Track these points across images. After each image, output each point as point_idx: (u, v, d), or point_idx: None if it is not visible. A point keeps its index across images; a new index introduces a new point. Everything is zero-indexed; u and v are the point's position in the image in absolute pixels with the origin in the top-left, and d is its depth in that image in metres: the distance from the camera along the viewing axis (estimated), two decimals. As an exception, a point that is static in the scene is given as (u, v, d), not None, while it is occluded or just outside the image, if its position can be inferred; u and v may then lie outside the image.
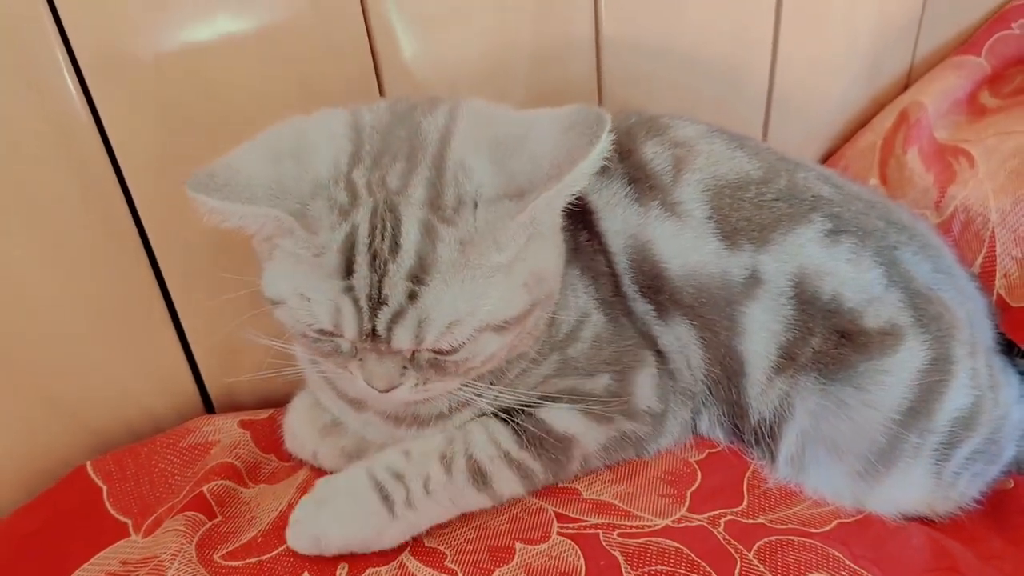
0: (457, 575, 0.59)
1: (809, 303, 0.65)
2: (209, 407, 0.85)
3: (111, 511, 0.69)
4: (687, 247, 0.66)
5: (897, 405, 0.65)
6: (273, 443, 0.76)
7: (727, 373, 0.68)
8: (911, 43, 1.04)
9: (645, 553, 0.60)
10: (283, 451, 0.75)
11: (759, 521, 0.64)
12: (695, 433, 0.72)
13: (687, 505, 0.65)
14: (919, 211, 0.85)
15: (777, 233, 0.66)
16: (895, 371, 0.65)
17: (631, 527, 0.63)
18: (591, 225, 0.67)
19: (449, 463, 0.62)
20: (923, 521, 0.69)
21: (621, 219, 0.67)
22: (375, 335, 0.52)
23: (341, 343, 0.55)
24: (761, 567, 0.59)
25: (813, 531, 0.63)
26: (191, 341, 0.81)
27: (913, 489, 0.68)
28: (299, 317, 0.53)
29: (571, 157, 0.50)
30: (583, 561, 0.60)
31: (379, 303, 0.51)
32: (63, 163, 0.70)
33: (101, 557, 0.64)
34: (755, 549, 0.61)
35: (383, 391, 0.55)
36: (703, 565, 0.59)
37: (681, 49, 0.90)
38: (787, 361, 0.66)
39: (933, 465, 0.67)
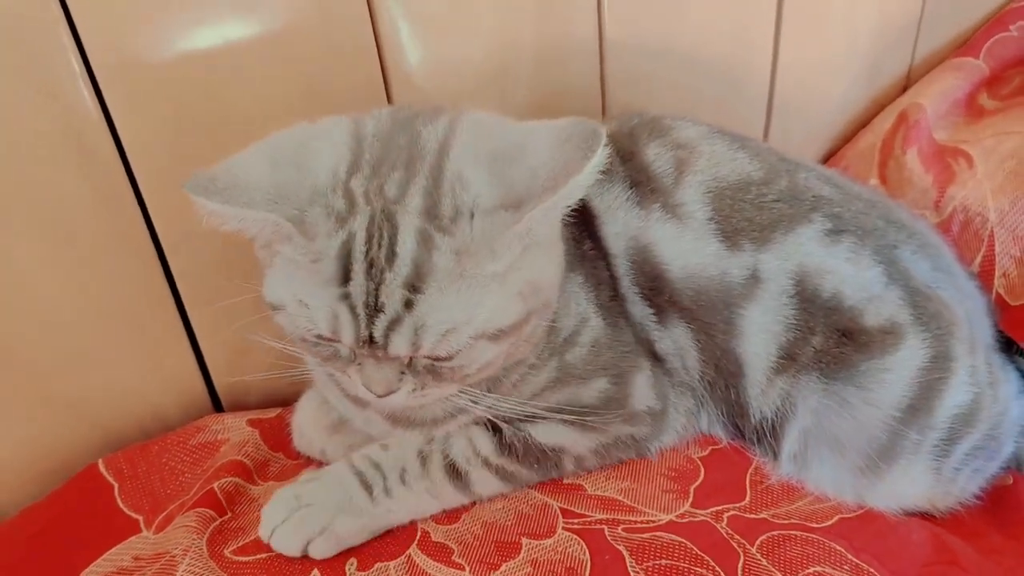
0: (465, 569, 0.60)
1: (810, 301, 0.66)
2: (218, 406, 0.86)
3: (123, 508, 0.70)
4: (688, 249, 0.66)
5: (898, 402, 0.66)
6: (281, 441, 0.77)
7: (723, 375, 0.69)
8: (910, 45, 1.04)
9: (650, 548, 0.61)
10: (291, 449, 0.76)
11: (762, 516, 0.65)
12: (696, 429, 0.72)
13: (691, 501, 0.66)
14: (918, 211, 0.86)
15: (778, 233, 0.66)
16: (896, 369, 0.66)
17: (636, 522, 0.64)
18: (594, 231, 0.67)
19: (425, 459, 0.65)
20: (924, 516, 0.70)
21: (622, 222, 0.67)
22: (372, 342, 0.52)
23: (340, 348, 0.55)
24: (764, 561, 0.60)
25: (815, 526, 0.64)
26: (200, 341, 0.82)
27: (914, 485, 0.69)
28: (298, 323, 0.54)
29: (567, 170, 0.51)
30: (588, 556, 0.60)
31: (376, 311, 0.51)
32: (75, 165, 0.71)
33: (113, 553, 0.65)
34: (758, 543, 0.62)
35: (381, 396, 0.56)
36: (707, 559, 0.60)
37: (683, 50, 0.91)
38: (788, 361, 0.67)
39: (933, 461, 0.68)
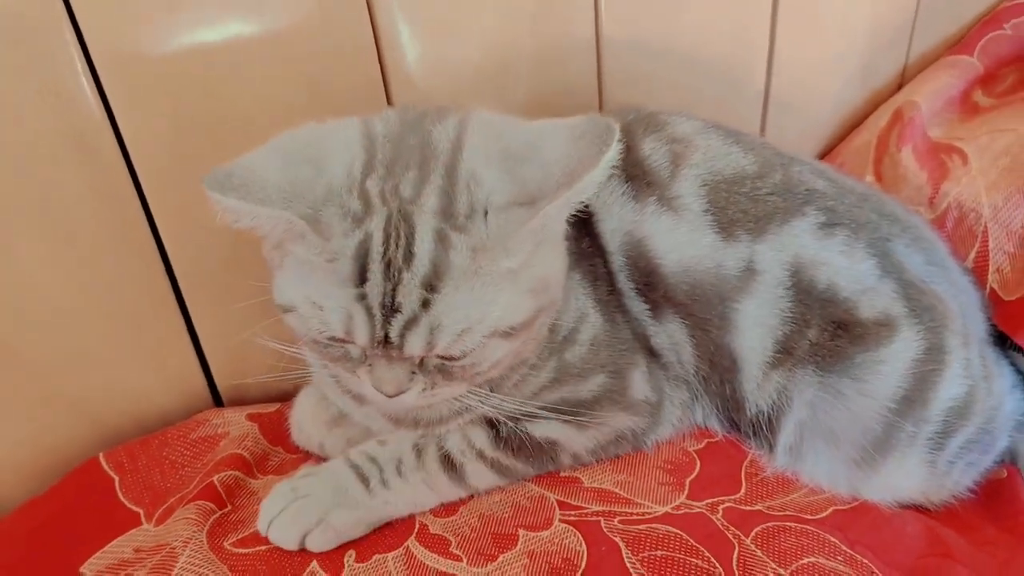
0: (462, 561, 0.61)
1: (806, 293, 0.66)
2: (218, 402, 0.86)
3: (124, 501, 0.71)
4: (683, 241, 0.66)
5: (892, 394, 0.66)
6: (280, 436, 0.78)
7: (718, 371, 0.69)
8: (905, 43, 1.05)
9: (645, 539, 0.61)
10: (290, 443, 0.76)
11: (757, 508, 0.65)
12: (692, 422, 0.73)
13: (686, 493, 0.66)
14: (913, 208, 0.86)
15: (773, 225, 0.67)
16: (890, 361, 0.66)
17: (632, 514, 0.64)
18: (591, 228, 0.68)
19: (420, 451, 0.66)
20: (918, 509, 0.70)
21: (617, 217, 0.67)
22: (387, 342, 0.53)
23: (351, 349, 0.55)
24: (759, 552, 0.60)
25: (809, 517, 0.64)
26: (202, 339, 0.83)
27: (908, 478, 0.69)
28: (310, 324, 0.54)
29: (582, 165, 0.51)
30: (585, 547, 0.61)
31: (392, 311, 0.51)
32: (77, 163, 0.71)
33: (114, 545, 0.66)
34: (753, 535, 0.62)
35: (391, 395, 0.56)
36: (702, 550, 0.60)
37: (680, 49, 0.91)
38: (784, 356, 0.67)
39: (928, 454, 0.68)
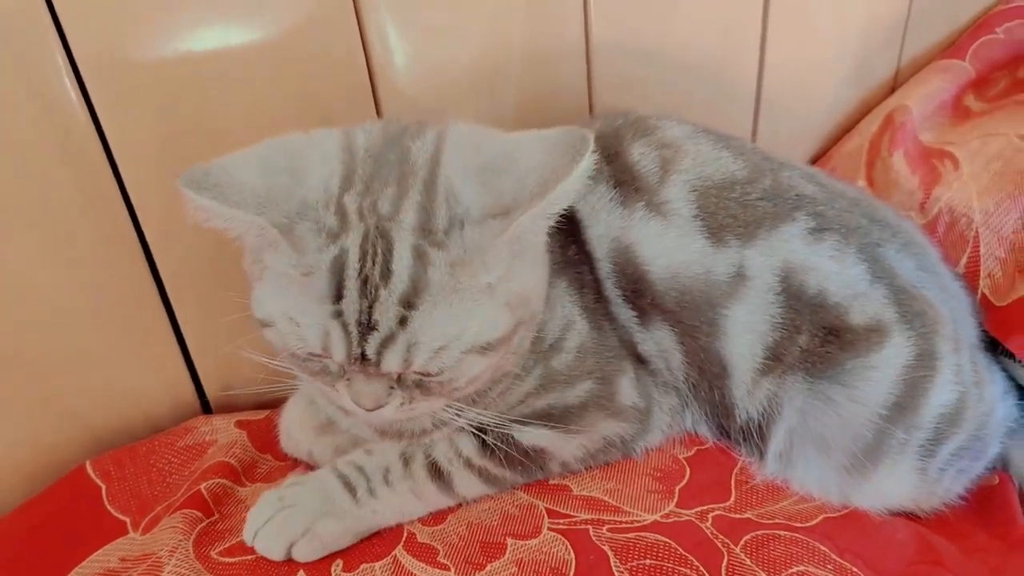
0: (450, 570, 0.60)
1: (796, 298, 0.66)
2: (207, 408, 0.86)
3: (110, 509, 0.70)
4: (672, 246, 0.66)
5: (883, 400, 0.66)
6: (269, 443, 0.77)
7: (707, 377, 0.69)
8: (897, 46, 1.04)
9: (634, 547, 0.61)
10: (279, 451, 0.76)
11: (746, 516, 0.65)
12: (682, 428, 0.72)
13: (675, 501, 0.66)
14: (904, 213, 0.85)
15: (762, 230, 0.66)
16: (881, 367, 0.66)
17: (620, 522, 0.64)
18: (578, 235, 0.67)
19: (408, 460, 0.66)
20: (908, 516, 0.70)
21: (605, 223, 0.67)
22: (364, 359, 0.53)
23: (329, 364, 0.55)
24: (748, 561, 0.60)
25: (799, 525, 0.64)
26: (189, 344, 0.82)
27: (899, 485, 0.69)
28: (288, 340, 0.54)
29: (555, 175, 0.51)
30: (573, 555, 0.61)
31: (369, 328, 0.51)
32: (62, 167, 0.71)
33: (100, 554, 0.65)
34: (742, 543, 0.62)
35: (369, 410, 0.56)
36: (691, 559, 0.60)
37: (670, 52, 0.91)
38: (774, 362, 0.67)
39: (919, 461, 0.68)
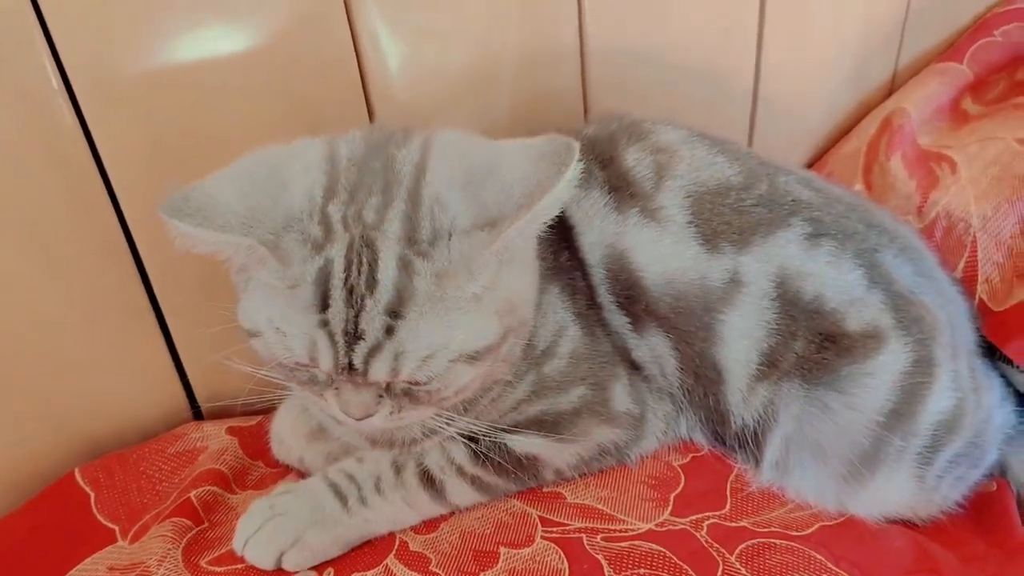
0: (441, 579, 0.60)
1: (792, 304, 0.65)
2: (198, 414, 0.85)
3: (99, 517, 0.70)
4: (666, 253, 0.65)
5: (880, 407, 0.65)
6: (260, 449, 0.76)
7: (702, 382, 0.68)
8: (895, 50, 1.04)
9: (628, 557, 0.60)
10: (270, 457, 0.75)
11: (742, 524, 0.64)
12: (676, 434, 0.72)
13: (670, 509, 0.65)
14: (902, 217, 0.85)
15: (757, 237, 0.66)
16: (878, 373, 0.65)
17: (614, 531, 0.63)
18: (571, 241, 0.67)
19: (399, 468, 0.65)
20: (906, 524, 0.69)
21: (598, 230, 0.66)
22: (351, 368, 0.52)
23: (317, 373, 0.55)
24: (743, 570, 0.59)
25: (795, 534, 0.64)
26: (179, 349, 0.81)
27: (896, 492, 0.68)
28: (275, 349, 0.53)
29: (541, 187, 0.51)
30: (566, 565, 0.60)
31: (356, 338, 0.51)
32: (53, 176, 0.70)
33: (88, 563, 0.65)
34: (737, 552, 0.61)
35: (358, 419, 0.56)
36: (686, 568, 0.59)
37: (666, 55, 0.90)
38: (770, 368, 0.66)
39: (916, 469, 0.68)
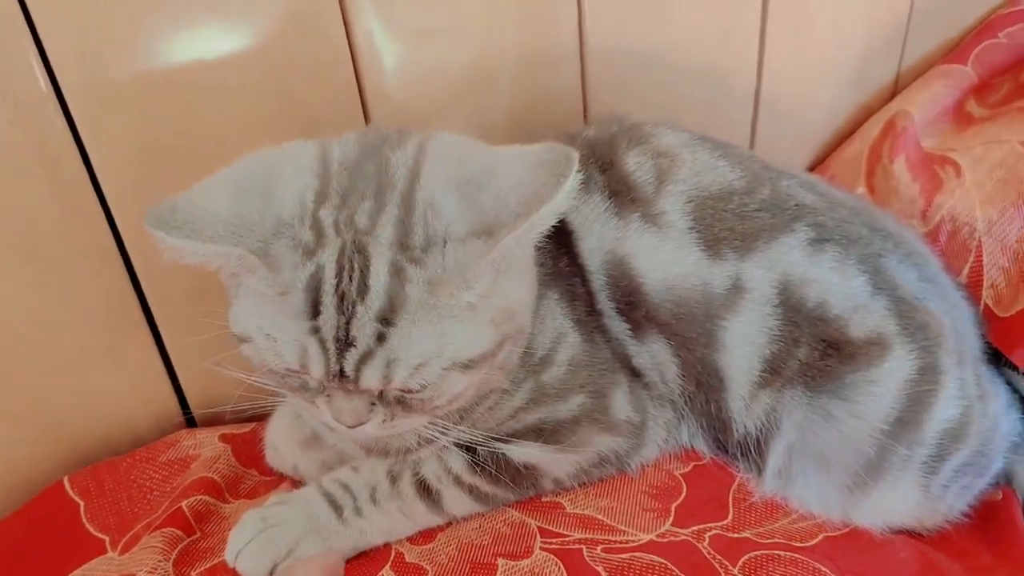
0: (438, 591, 0.59)
1: (795, 311, 0.65)
2: (191, 421, 0.84)
3: (88, 528, 0.68)
4: (667, 259, 0.64)
5: (885, 415, 0.64)
6: (254, 457, 0.75)
7: (703, 389, 0.67)
8: (898, 51, 1.03)
9: (629, 568, 0.59)
10: (264, 465, 0.74)
11: (744, 535, 0.63)
12: (678, 442, 0.71)
13: (672, 519, 0.64)
14: (906, 221, 0.84)
15: (760, 242, 0.65)
16: (883, 381, 0.64)
17: (615, 542, 0.62)
18: (570, 246, 0.66)
19: (396, 477, 0.64)
20: (911, 534, 0.68)
21: (599, 235, 0.65)
22: (343, 375, 0.51)
23: (308, 380, 0.54)
24: (746, 583, 0.59)
25: (799, 545, 0.63)
26: (172, 356, 0.80)
27: (901, 502, 0.67)
28: (265, 356, 0.52)
29: (538, 196, 0.49)
30: (566, 577, 0.59)
31: (347, 344, 0.50)
32: (42, 180, 0.69)
33: (77, 574, 0.63)
34: (740, 564, 0.60)
35: (351, 427, 0.55)
36: (687, 581, 0.58)
37: (666, 56, 0.90)
38: (772, 375, 0.65)
39: (922, 478, 0.67)
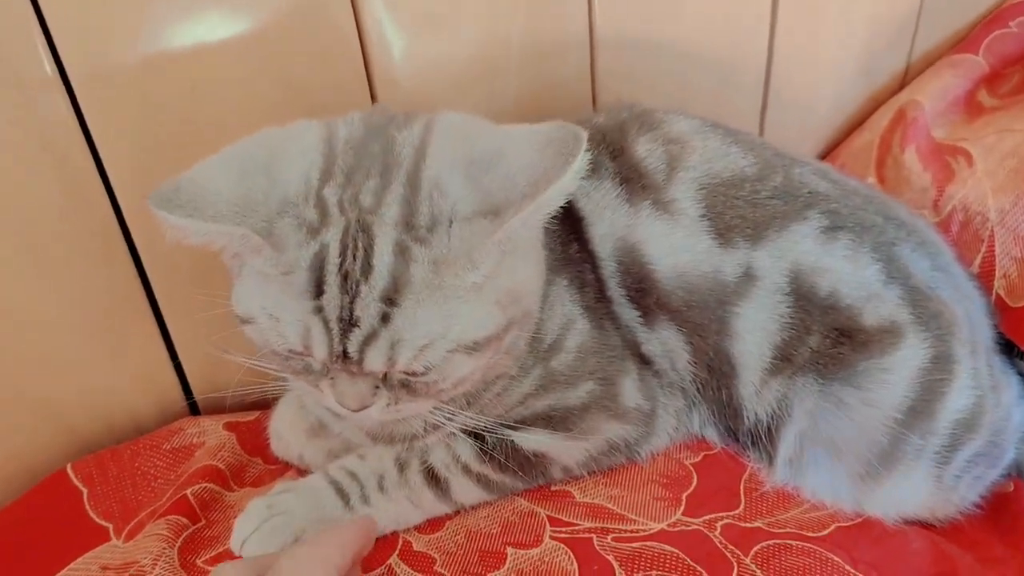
0: (446, 580, 0.58)
1: (806, 299, 0.64)
2: (195, 409, 0.83)
3: (92, 515, 0.68)
4: (678, 246, 0.64)
5: (898, 404, 0.64)
6: (259, 446, 0.75)
7: (715, 376, 0.67)
8: (908, 40, 1.02)
9: (640, 558, 0.59)
10: (269, 454, 0.74)
11: (756, 525, 0.63)
12: (688, 430, 0.70)
13: (683, 508, 0.64)
14: (917, 210, 0.83)
15: (772, 231, 0.64)
16: (896, 369, 0.64)
17: (625, 531, 0.61)
18: (580, 232, 0.65)
19: (403, 465, 0.64)
20: (923, 525, 0.68)
21: (609, 222, 0.65)
22: (346, 357, 0.50)
23: (312, 362, 0.53)
24: (759, 572, 0.58)
25: (811, 535, 0.62)
26: (176, 343, 0.80)
27: (913, 492, 0.67)
28: (268, 336, 0.52)
29: (546, 176, 0.49)
30: (576, 566, 0.58)
31: (351, 325, 0.49)
32: (47, 165, 0.69)
33: (80, 562, 0.63)
34: (752, 554, 0.60)
35: (354, 410, 0.54)
36: (699, 570, 0.58)
37: (676, 45, 0.89)
38: (783, 362, 0.65)
39: (934, 468, 0.66)
